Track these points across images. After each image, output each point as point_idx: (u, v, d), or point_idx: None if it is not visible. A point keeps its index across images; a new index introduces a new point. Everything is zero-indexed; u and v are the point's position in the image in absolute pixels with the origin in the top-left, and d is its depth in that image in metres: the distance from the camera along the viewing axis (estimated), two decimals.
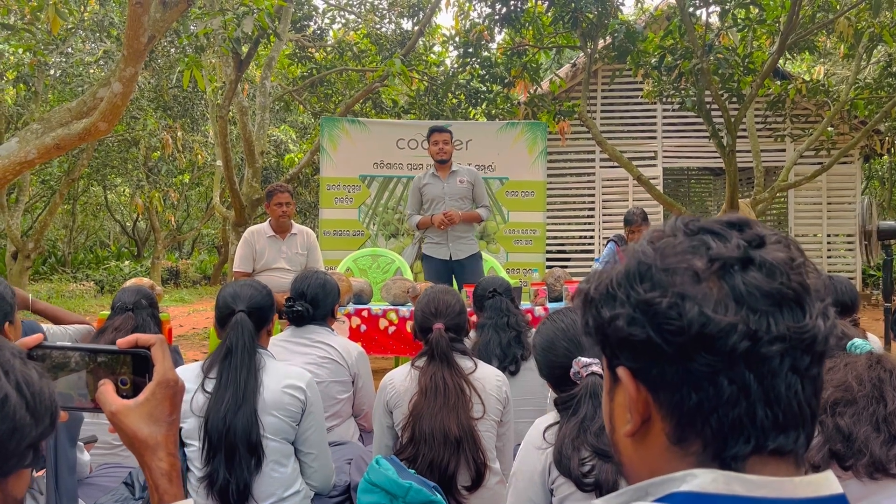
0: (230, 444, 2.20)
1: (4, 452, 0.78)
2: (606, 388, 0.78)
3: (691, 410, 0.66)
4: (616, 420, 0.76)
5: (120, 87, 4.05)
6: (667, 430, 0.68)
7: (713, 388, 0.65)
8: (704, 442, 0.66)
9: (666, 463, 0.69)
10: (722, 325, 0.64)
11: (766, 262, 0.66)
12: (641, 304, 0.68)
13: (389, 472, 2.12)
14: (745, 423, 0.65)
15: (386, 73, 7.85)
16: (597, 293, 0.74)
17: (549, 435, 1.72)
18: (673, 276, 0.67)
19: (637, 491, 0.69)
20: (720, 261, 0.66)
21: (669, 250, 0.69)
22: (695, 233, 0.70)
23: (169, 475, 0.98)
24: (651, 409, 0.70)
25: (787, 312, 0.65)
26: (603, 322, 0.72)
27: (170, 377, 0.99)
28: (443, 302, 2.52)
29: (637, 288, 0.69)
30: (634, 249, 0.73)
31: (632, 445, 0.73)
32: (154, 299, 3.12)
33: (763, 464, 0.66)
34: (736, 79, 7.71)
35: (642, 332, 0.67)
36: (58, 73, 11.41)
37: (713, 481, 0.64)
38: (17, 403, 0.79)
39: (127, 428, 0.95)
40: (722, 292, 0.65)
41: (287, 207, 5.11)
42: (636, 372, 0.70)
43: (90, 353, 1.01)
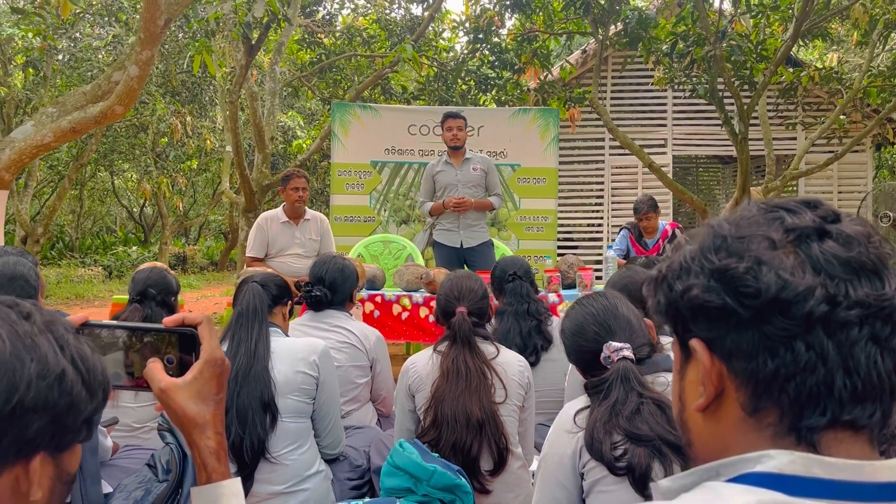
0: (242, 402, 2.24)
1: (62, 427, 0.78)
2: (676, 368, 0.78)
3: (767, 378, 0.66)
4: (687, 397, 0.75)
5: (136, 70, 4.04)
6: (741, 401, 0.68)
7: (790, 354, 0.64)
8: (781, 411, 0.66)
9: (741, 436, 0.68)
10: (800, 289, 0.64)
11: (843, 233, 0.66)
12: (717, 272, 0.68)
13: (414, 456, 2.13)
14: (822, 391, 0.64)
15: (397, 58, 7.82)
16: (668, 270, 0.75)
17: (580, 419, 1.71)
18: (749, 244, 0.67)
19: (707, 471, 0.68)
20: (796, 231, 0.67)
21: (744, 223, 0.70)
22: (769, 209, 0.70)
23: (217, 454, 0.98)
24: (725, 381, 0.69)
25: (865, 281, 0.65)
26: (676, 296, 0.72)
27: (217, 355, 0.99)
28: (465, 286, 2.52)
29: (711, 257, 0.69)
30: (708, 226, 0.73)
31: (703, 421, 0.72)
32: (167, 284, 3.01)
33: (838, 440, 0.65)
34: (749, 66, 7.65)
35: (718, 299, 0.67)
36: (66, 58, 11.38)
37: (791, 463, 0.63)
38: (74, 378, 0.79)
39: (175, 406, 0.95)
40: (798, 259, 0.65)
41: (303, 192, 5.09)
42: (710, 343, 0.70)
43: (136, 332, 1.01)
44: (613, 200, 10.83)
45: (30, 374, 0.74)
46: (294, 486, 2.30)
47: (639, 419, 1.63)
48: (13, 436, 0.73)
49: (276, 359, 2.36)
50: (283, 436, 2.31)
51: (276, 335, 2.48)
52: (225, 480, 0.97)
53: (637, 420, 1.63)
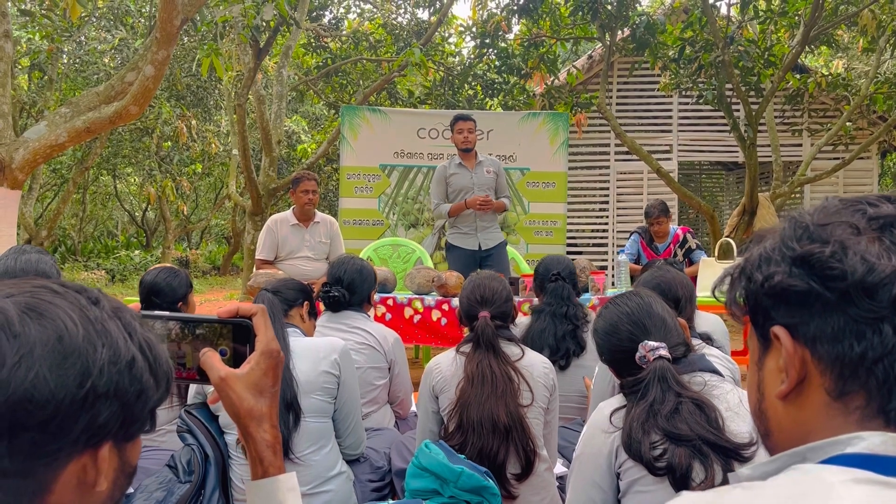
0: None
1: (131, 415, 0.76)
2: (754, 360, 0.78)
3: (854, 361, 0.66)
4: (766, 386, 0.76)
5: (152, 70, 4.03)
6: (827, 386, 0.68)
7: (877, 337, 0.65)
8: (868, 394, 0.66)
9: (827, 420, 0.68)
10: (887, 272, 0.65)
11: None
12: (800, 257, 0.69)
13: (440, 457, 2.10)
14: None
15: (405, 62, 7.81)
16: (747, 263, 0.76)
17: (616, 419, 1.69)
18: (833, 230, 0.69)
19: (793, 456, 0.68)
20: (879, 219, 0.68)
21: (826, 212, 0.72)
22: (850, 202, 0.72)
23: (273, 447, 0.96)
24: (808, 367, 0.70)
25: None
26: (757, 285, 0.73)
27: (273, 347, 0.97)
28: (489, 289, 2.49)
29: (793, 245, 0.71)
30: (788, 217, 0.75)
31: (783, 409, 0.73)
32: (171, 290, 2.82)
33: None
34: (756, 72, 7.66)
35: (803, 283, 0.69)
36: (72, 61, 11.39)
37: (883, 443, 0.63)
38: (143, 366, 0.77)
39: (234, 396, 0.93)
40: (883, 245, 0.67)
41: (313, 195, 5.08)
42: (793, 329, 0.70)
43: (190, 324, 0.99)
44: (619, 206, 10.81)
45: (102, 359, 0.72)
46: (317, 488, 2.28)
47: (678, 419, 1.60)
48: (85, 422, 0.71)
49: (298, 359, 2.35)
50: (307, 436, 2.28)
51: (296, 335, 2.47)
52: (281, 475, 0.96)
53: (676, 420, 1.60)
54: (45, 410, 0.68)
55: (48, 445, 0.70)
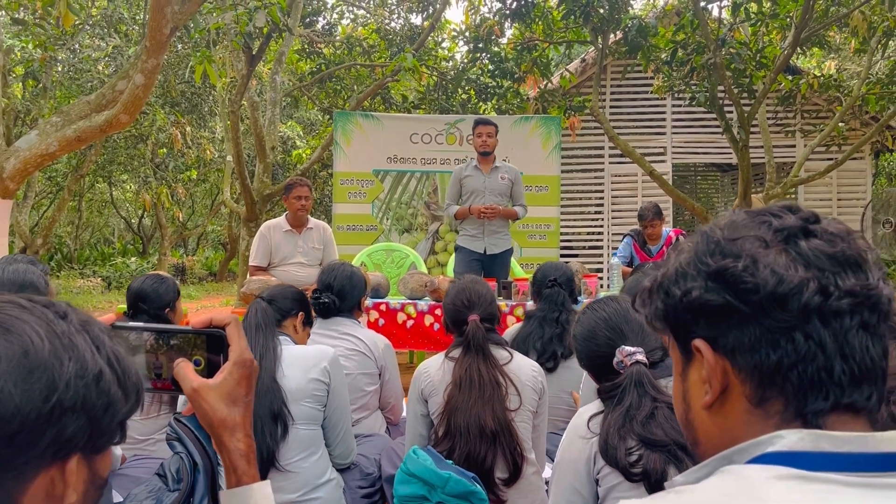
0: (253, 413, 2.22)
1: (99, 428, 0.77)
2: (678, 371, 0.81)
3: (771, 369, 0.70)
4: (691, 397, 0.78)
5: (142, 79, 4.04)
6: (747, 394, 0.71)
7: (791, 345, 0.69)
8: (786, 399, 0.70)
9: (749, 426, 0.71)
10: (795, 283, 0.68)
11: (825, 230, 0.72)
12: (715, 273, 0.72)
13: (428, 463, 2.11)
14: (823, 378, 0.68)
15: (398, 67, 7.83)
16: (664, 278, 0.78)
17: (594, 424, 1.70)
18: (742, 245, 0.72)
19: (721, 460, 0.71)
20: (784, 231, 0.72)
21: (735, 227, 0.75)
22: (756, 214, 0.75)
23: (247, 456, 0.97)
24: (729, 377, 0.73)
25: (850, 273, 0.69)
26: (675, 300, 0.76)
27: (246, 357, 0.98)
28: (475, 292, 2.50)
29: (707, 260, 0.73)
30: (700, 233, 0.78)
31: (709, 418, 0.76)
32: (158, 297, 2.84)
33: (841, 422, 0.69)
34: (748, 74, 7.68)
35: (719, 298, 0.71)
36: (66, 69, 11.39)
37: (800, 440, 0.66)
38: (111, 379, 0.78)
39: (206, 406, 0.94)
40: (789, 256, 0.70)
41: (306, 201, 5.08)
42: (713, 341, 0.73)
43: (163, 334, 1.00)
44: (613, 209, 10.83)
45: (69, 373, 0.73)
46: (307, 495, 2.28)
47: (653, 424, 1.61)
48: (52, 436, 0.72)
49: (288, 367, 2.35)
50: (297, 443, 2.29)
51: (286, 343, 2.47)
52: (255, 483, 0.96)
53: (651, 425, 1.61)
54: (11, 425, 0.69)
55: (15, 459, 0.71)
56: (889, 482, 0.65)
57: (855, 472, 0.64)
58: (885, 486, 0.64)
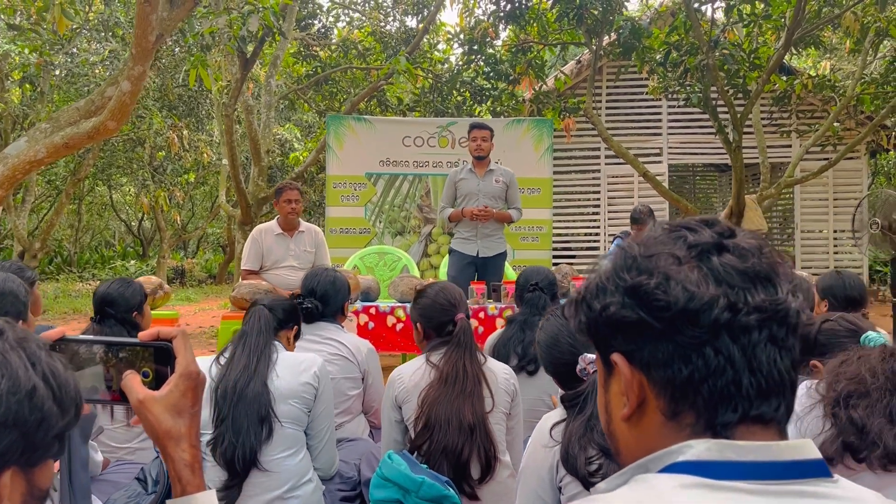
0: (239, 413, 2.27)
1: (33, 443, 0.79)
2: (601, 382, 0.83)
3: (683, 383, 0.71)
4: (612, 409, 0.80)
5: (128, 86, 4.06)
6: (661, 407, 0.73)
7: (701, 360, 0.70)
8: (697, 413, 0.71)
9: (663, 438, 0.73)
10: (705, 299, 0.70)
11: (739, 246, 0.73)
12: (630, 289, 0.74)
13: (402, 467, 2.13)
14: (732, 391, 0.70)
15: (391, 71, 7.85)
16: (586, 291, 0.80)
17: (556, 432, 1.71)
18: (657, 261, 0.73)
19: (637, 468, 0.73)
20: (697, 247, 0.73)
21: (651, 242, 0.76)
22: (673, 229, 0.77)
23: (192, 466, 0.98)
24: (645, 390, 0.74)
25: (760, 288, 0.71)
26: (595, 314, 0.78)
27: (192, 369, 1.00)
28: (455, 293, 2.55)
29: (624, 276, 0.75)
30: (619, 247, 0.80)
31: (628, 430, 0.77)
32: (124, 301, 2.85)
33: (750, 433, 0.71)
34: (742, 74, 7.69)
35: (633, 314, 0.73)
36: (63, 74, 11.43)
37: (707, 450, 0.69)
38: (45, 394, 0.80)
39: (152, 418, 0.96)
40: (701, 273, 0.71)
41: (296, 204, 5.11)
42: (630, 356, 0.75)
43: (112, 347, 1.02)
44: (610, 210, 10.85)
45: (0, 390, 0.75)
46: (288, 493, 2.31)
47: None
48: None
49: (280, 368, 2.40)
50: (281, 440, 2.32)
51: (277, 347, 2.51)
52: (199, 493, 0.98)
53: None
54: None
55: None
56: (790, 489, 0.67)
57: (758, 480, 0.67)
58: (786, 492, 0.66)
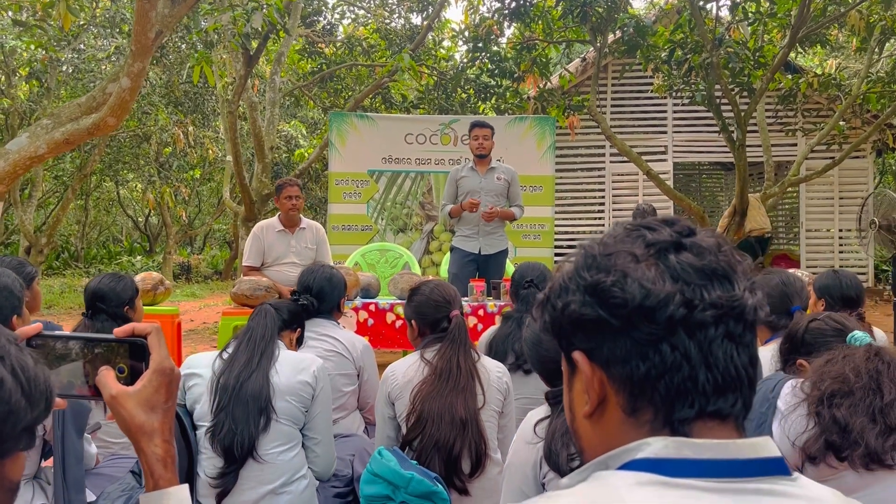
0: (240, 400, 2.30)
1: (0, 435, 0.80)
2: (565, 380, 0.84)
3: (641, 380, 0.72)
4: (576, 406, 0.81)
5: (128, 83, 4.08)
6: (621, 404, 0.74)
7: (658, 356, 0.71)
8: (655, 409, 0.72)
9: (623, 434, 0.73)
10: (661, 296, 0.70)
11: (697, 244, 0.74)
12: (589, 287, 0.75)
13: (392, 463, 2.14)
14: (688, 387, 0.71)
15: (395, 68, 7.85)
16: (551, 291, 0.81)
17: (540, 429, 1.72)
18: (615, 260, 0.74)
19: (598, 465, 0.73)
20: (656, 245, 0.74)
21: (610, 241, 0.78)
22: (633, 229, 0.78)
23: (164, 461, 0.99)
24: (606, 388, 0.75)
25: (717, 285, 0.72)
26: (557, 312, 0.78)
27: (166, 365, 1.01)
28: (449, 290, 2.57)
29: (584, 274, 0.76)
30: (580, 247, 0.81)
31: (590, 426, 0.78)
32: (115, 295, 2.84)
33: (708, 428, 0.71)
34: (746, 73, 7.67)
35: (592, 312, 0.74)
36: (70, 70, 11.48)
37: (665, 447, 0.69)
38: (13, 387, 0.81)
39: (125, 413, 0.97)
40: (658, 270, 0.72)
41: (296, 201, 5.12)
42: (590, 353, 0.76)
43: (88, 343, 1.03)
44: (614, 208, 10.83)
45: None
46: (282, 487, 2.33)
47: None
48: None
49: (280, 365, 2.42)
50: (277, 435, 2.35)
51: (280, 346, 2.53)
52: (171, 487, 0.99)
53: None
54: None
55: None
56: (747, 487, 0.67)
57: (715, 478, 0.67)
58: (742, 490, 0.67)
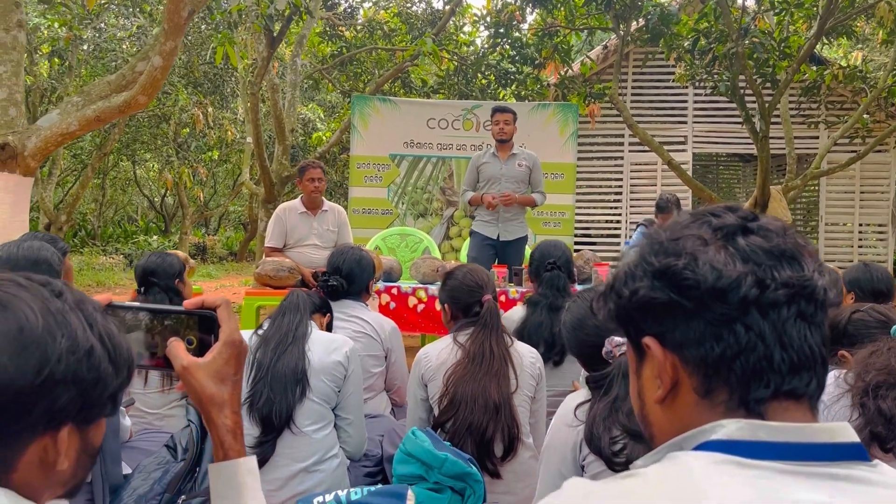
0: (278, 371, 2.35)
1: (90, 401, 0.82)
2: (633, 369, 0.85)
3: (715, 361, 0.73)
4: (645, 393, 0.82)
5: (160, 61, 4.10)
6: (695, 386, 0.75)
7: (732, 337, 0.72)
8: (730, 389, 0.73)
9: (697, 416, 0.75)
10: (733, 277, 0.72)
11: (763, 227, 0.76)
12: (658, 272, 0.76)
13: (426, 444, 2.15)
14: (764, 367, 0.72)
15: (417, 52, 7.83)
16: (614, 280, 0.82)
17: (581, 412, 1.73)
18: (684, 244, 0.76)
19: (671, 446, 0.75)
20: (723, 229, 0.75)
21: (676, 227, 0.79)
22: (698, 215, 0.79)
23: (234, 431, 1.01)
24: (678, 371, 0.76)
25: (787, 266, 0.73)
26: (625, 300, 0.80)
27: (236, 338, 1.02)
28: (482, 274, 2.58)
29: (652, 260, 0.77)
30: (644, 235, 0.82)
31: (662, 411, 0.79)
32: (166, 268, 2.97)
33: (783, 408, 0.72)
34: (771, 63, 7.59)
35: (664, 295, 0.75)
36: (91, 48, 11.52)
37: (739, 429, 0.70)
38: (102, 354, 0.82)
39: (196, 384, 0.99)
40: (728, 252, 0.74)
41: (319, 183, 5.14)
42: (662, 338, 0.77)
43: (157, 314, 1.04)
44: (632, 197, 10.78)
45: (60, 348, 0.78)
46: (314, 466, 2.36)
47: None
48: (43, 407, 0.77)
49: (312, 344, 2.46)
50: (310, 413, 2.38)
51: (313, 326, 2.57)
52: (241, 458, 1.01)
53: None
54: (5, 396, 0.74)
55: (9, 428, 0.76)
56: (823, 471, 0.68)
57: (791, 461, 0.68)
58: (818, 474, 0.67)
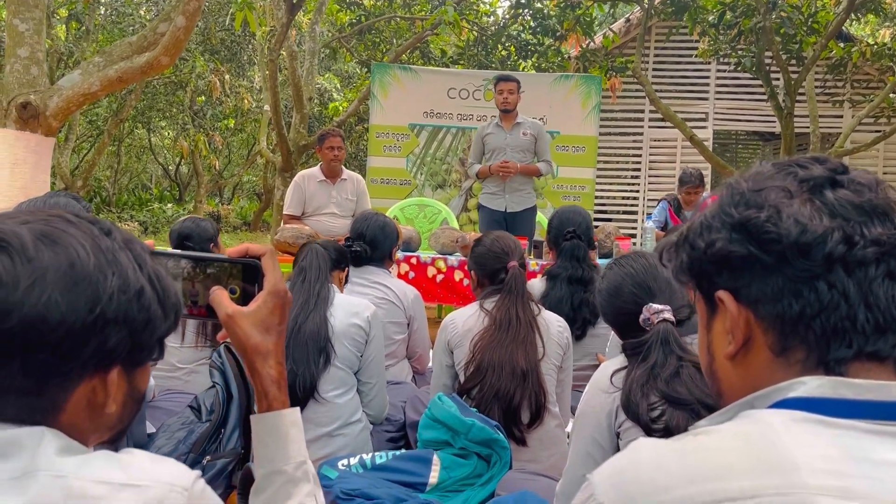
0: (300, 341, 2.33)
1: (139, 342, 0.80)
2: (702, 323, 0.82)
3: (794, 318, 0.70)
4: (715, 348, 0.79)
5: (183, 21, 4.06)
6: (770, 343, 0.72)
7: (814, 294, 0.69)
8: (808, 348, 0.70)
9: (771, 374, 0.72)
10: (818, 232, 0.68)
11: (853, 180, 0.72)
12: (738, 223, 0.72)
13: (452, 409, 2.14)
14: (846, 326, 0.68)
15: (438, 21, 7.73)
16: (689, 231, 0.79)
17: (617, 379, 1.70)
18: (767, 195, 0.72)
19: (742, 405, 0.72)
20: (810, 181, 0.72)
21: (760, 177, 0.75)
22: (783, 166, 0.75)
23: (278, 382, 0.99)
24: (752, 328, 0.73)
25: (878, 222, 0.69)
26: (699, 252, 0.76)
27: (280, 287, 1.00)
28: (509, 241, 2.56)
29: (731, 211, 0.74)
30: (726, 185, 0.78)
31: (732, 368, 0.76)
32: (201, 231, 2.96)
33: (865, 370, 0.68)
34: (798, 39, 7.45)
35: (742, 248, 0.72)
36: (109, 13, 11.46)
37: (820, 386, 0.67)
38: (151, 296, 0.80)
39: (241, 332, 0.96)
40: (814, 206, 0.70)
41: (339, 152, 5.11)
42: (736, 292, 0.74)
43: (200, 263, 1.02)
44: (651, 173, 10.68)
45: (112, 287, 0.76)
46: (338, 430, 2.37)
47: (677, 382, 1.61)
48: (94, 346, 0.75)
49: (335, 308, 2.44)
50: (333, 379, 2.39)
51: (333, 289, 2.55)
52: (285, 409, 0.99)
53: (676, 383, 1.61)
54: (57, 332, 0.72)
55: (60, 366, 0.74)
56: None
57: (875, 420, 0.65)
58: None
